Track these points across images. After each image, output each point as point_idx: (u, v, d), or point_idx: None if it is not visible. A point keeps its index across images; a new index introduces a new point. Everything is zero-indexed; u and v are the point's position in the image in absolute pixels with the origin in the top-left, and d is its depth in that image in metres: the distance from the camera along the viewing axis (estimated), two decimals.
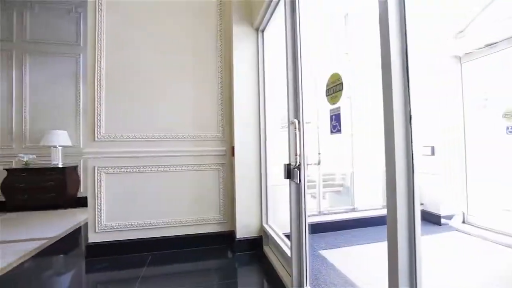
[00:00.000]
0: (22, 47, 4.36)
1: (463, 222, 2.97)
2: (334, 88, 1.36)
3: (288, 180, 1.63)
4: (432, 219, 3.05)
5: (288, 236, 1.95)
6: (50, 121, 4.38)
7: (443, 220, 2.97)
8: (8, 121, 4.29)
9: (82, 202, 4.19)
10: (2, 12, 4.32)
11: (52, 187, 4.07)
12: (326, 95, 1.42)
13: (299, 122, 1.54)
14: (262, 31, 2.51)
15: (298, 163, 1.52)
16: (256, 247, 2.41)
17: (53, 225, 3.38)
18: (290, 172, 1.60)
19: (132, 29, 2.47)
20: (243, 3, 2.50)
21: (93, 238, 2.33)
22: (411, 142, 0.88)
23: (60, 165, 4.18)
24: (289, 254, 1.78)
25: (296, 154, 1.52)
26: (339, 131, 1.34)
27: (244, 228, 2.43)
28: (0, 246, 2.69)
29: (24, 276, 2.11)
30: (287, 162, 1.63)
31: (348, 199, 3.30)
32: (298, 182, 1.54)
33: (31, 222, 3.55)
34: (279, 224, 2.37)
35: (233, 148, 2.51)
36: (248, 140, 2.46)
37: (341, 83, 1.31)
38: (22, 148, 4.29)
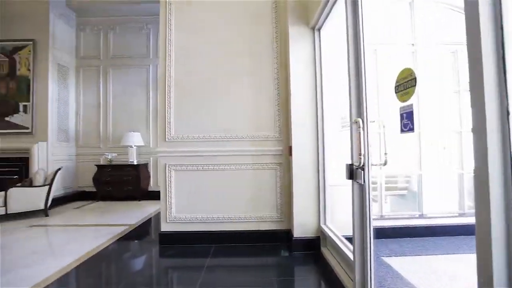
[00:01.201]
0: (107, 63, 5.18)
1: None
2: (405, 85, 1.26)
3: (350, 180, 1.58)
4: None
5: (348, 239, 1.89)
6: (127, 124, 5.10)
7: None
8: (97, 125, 5.15)
9: (152, 196, 4.76)
10: (93, 34, 5.20)
11: (129, 182, 4.74)
12: (396, 92, 1.32)
13: (362, 121, 1.48)
14: (319, 30, 2.46)
15: (362, 163, 1.46)
16: (313, 248, 2.39)
17: (131, 214, 3.93)
18: (353, 172, 1.54)
19: (196, 39, 2.70)
20: (298, 3, 2.50)
21: (164, 227, 2.64)
22: (510, 142, 0.77)
23: (135, 163, 4.83)
24: (351, 258, 1.72)
25: (359, 154, 1.46)
26: (411, 129, 1.24)
27: (301, 227, 2.43)
28: (94, 228, 3.27)
29: (112, 255, 2.52)
30: (350, 162, 1.58)
31: (414, 204, 3.00)
32: (362, 183, 1.48)
33: (115, 210, 4.20)
34: (337, 225, 2.29)
35: (290, 148, 2.54)
36: (305, 140, 2.45)
37: (414, 79, 1.21)
38: (107, 148, 5.10)
